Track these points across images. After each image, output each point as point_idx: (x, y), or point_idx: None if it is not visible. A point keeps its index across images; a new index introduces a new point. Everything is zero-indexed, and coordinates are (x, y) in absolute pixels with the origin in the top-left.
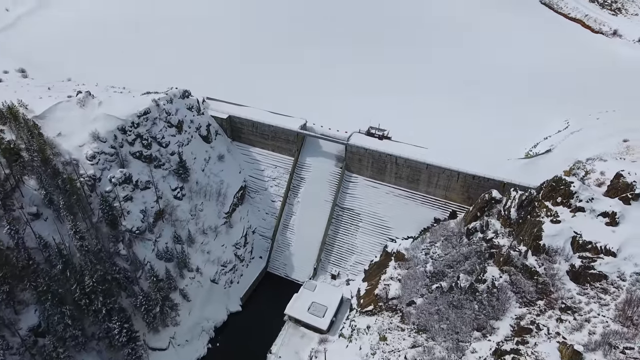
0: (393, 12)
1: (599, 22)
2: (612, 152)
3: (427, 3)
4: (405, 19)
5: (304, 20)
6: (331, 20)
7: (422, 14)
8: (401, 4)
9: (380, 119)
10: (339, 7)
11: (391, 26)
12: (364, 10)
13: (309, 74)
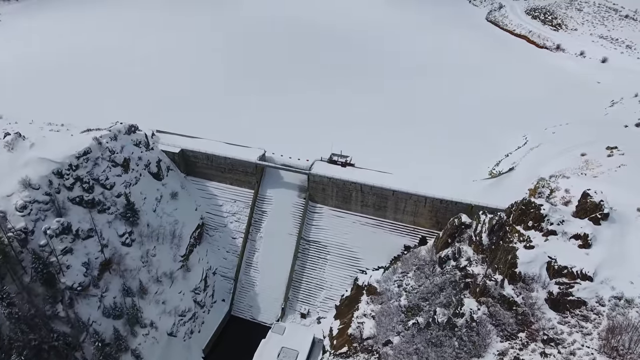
0: (349, 43)
1: (542, 37)
2: (573, 167)
3: (382, 35)
4: (362, 50)
5: (260, 51)
6: (287, 50)
7: (379, 46)
8: (358, 36)
9: (342, 146)
10: (294, 37)
11: (349, 57)
12: (320, 41)
13: (267, 104)
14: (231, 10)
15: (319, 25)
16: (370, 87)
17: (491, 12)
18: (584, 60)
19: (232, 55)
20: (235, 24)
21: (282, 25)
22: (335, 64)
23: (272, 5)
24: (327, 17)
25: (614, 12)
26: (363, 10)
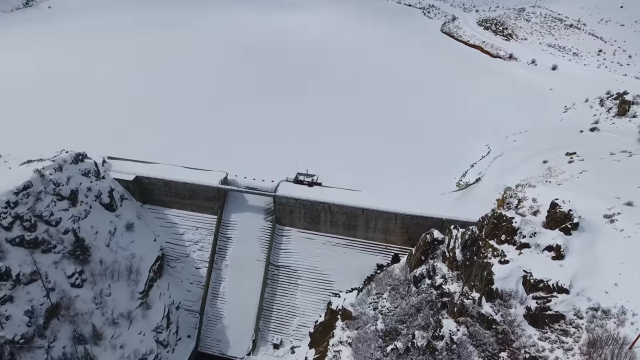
0: (310, 62)
1: (495, 47)
2: (537, 175)
3: (343, 52)
4: (323, 68)
5: (219, 71)
6: (246, 70)
7: (340, 63)
8: (318, 53)
9: (308, 165)
10: (254, 57)
11: (310, 75)
12: (278, 61)
13: (228, 125)
14: (193, 31)
15: (279, 46)
16: (332, 104)
17: (445, 24)
18: (535, 68)
19: (190, 76)
20: (197, 44)
21: (241, 44)
22: (295, 82)
23: (233, 23)
24: (285, 38)
25: (560, 22)
26: (323, 28)
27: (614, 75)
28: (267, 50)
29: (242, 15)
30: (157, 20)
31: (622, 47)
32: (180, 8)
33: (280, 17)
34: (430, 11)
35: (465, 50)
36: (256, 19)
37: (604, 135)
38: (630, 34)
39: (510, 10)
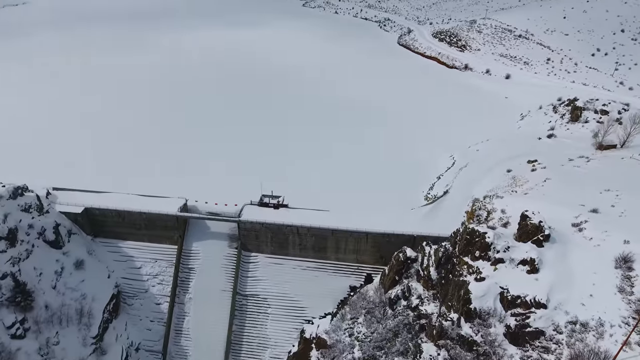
0: (271, 79)
1: (451, 58)
2: (503, 184)
3: (304, 68)
4: (284, 85)
5: (177, 91)
6: (204, 89)
7: (300, 79)
8: (279, 71)
9: (272, 186)
10: (212, 74)
11: (272, 92)
12: (239, 79)
13: (186, 148)
14: (149, 51)
15: (239, 63)
16: (295, 122)
17: (402, 37)
18: (490, 78)
19: (144, 98)
20: (151, 64)
21: (198, 63)
22: (257, 100)
23: (191, 41)
24: (245, 55)
25: (509, 33)
26: (285, 45)
27: (563, 82)
28: (226, 69)
29: (199, 33)
30: (111, 39)
31: (568, 56)
32: (135, 26)
33: (240, 34)
34: (386, 24)
35: (422, 62)
36: (215, 37)
37: (560, 141)
38: (574, 42)
39: (463, 22)
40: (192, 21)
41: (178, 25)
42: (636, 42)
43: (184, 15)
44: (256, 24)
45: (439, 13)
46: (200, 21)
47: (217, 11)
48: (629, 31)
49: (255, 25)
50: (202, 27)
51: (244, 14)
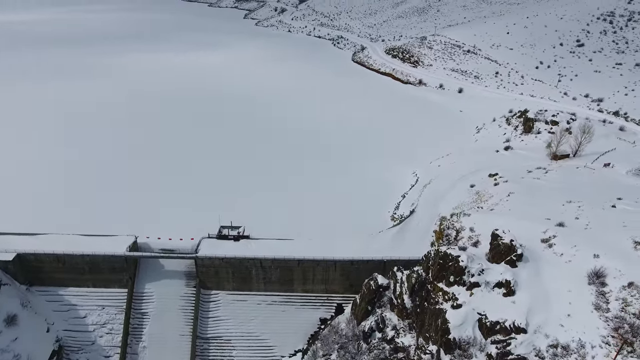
0: (227, 102)
1: (405, 74)
2: (468, 201)
3: (256, 91)
4: (238, 109)
5: (125, 119)
6: (153, 114)
7: (253, 102)
8: (234, 95)
9: (231, 216)
10: (161, 98)
11: (226, 117)
12: (193, 100)
13: (135, 180)
14: (97, 76)
15: (192, 87)
16: (251, 147)
17: (356, 54)
18: (444, 92)
19: (86, 127)
20: (100, 88)
21: (147, 88)
22: (210, 126)
23: (136, 64)
24: (200, 78)
25: (458, 48)
26: (242, 67)
27: (512, 95)
28: (179, 95)
29: (151, 56)
30: (53, 65)
31: (515, 69)
32: (84, 49)
33: (198, 56)
34: (340, 42)
35: (378, 78)
36: (167, 59)
37: (517, 153)
38: (519, 56)
39: (414, 39)
40: (145, 44)
41: (130, 48)
42: (574, 54)
43: (136, 37)
44: (212, 45)
45: (390, 30)
46: (153, 44)
47: (171, 32)
48: (567, 44)
49: (211, 46)
50: (154, 49)
51: (200, 34)
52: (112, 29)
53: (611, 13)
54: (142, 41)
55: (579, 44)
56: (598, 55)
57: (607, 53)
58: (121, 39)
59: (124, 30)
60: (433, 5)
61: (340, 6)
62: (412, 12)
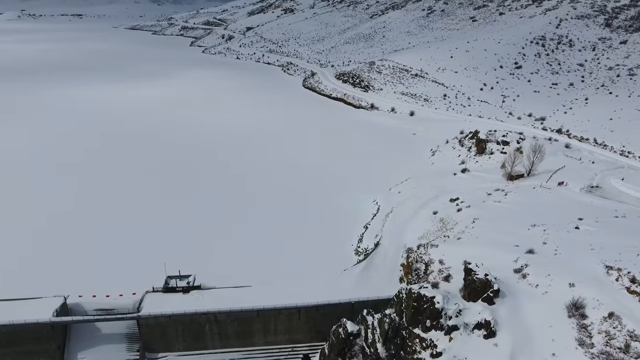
0: (172, 137)
1: (357, 98)
2: (433, 229)
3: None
4: (184, 141)
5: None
6: (88, 152)
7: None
8: (177, 127)
9: (179, 264)
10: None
11: (170, 153)
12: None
13: (60, 228)
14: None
15: (136, 123)
16: (196, 183)
17: (306, 80)
18: (396, 115)
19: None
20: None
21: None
22: (152, 164)
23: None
24: (140, 112)
25: (406, 72)
26: (192, 99)
27: (461, 116)
28: (120, 132)
29: (93, 89)
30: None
31: (461, 91)
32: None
33: (140, 90)
34: (290, 68)
35: (329, 103)
36: (107, 91)
37: (473, 175)
38: (464, 79)
39: (362, 64)
40: (86, 75)
41: (74, 80)
42: (514, 76)
43: (79, 69)
44: (158, 75)
45: (339, 56)
46: (95, 75)
47: (115, 63)
48: (507, 67)
49: (152, 77)
50: (98, 82)
51: (146, 64)
52: (49, 59)
53: (542, 37)
54: (70, 74)
55: (517, 66)
56: (535, 76)
57: (543, 74)
58: (52, 71)
59: (62, 60)
60: (378, 32)
61: (287, 33)
62: (358, 38)
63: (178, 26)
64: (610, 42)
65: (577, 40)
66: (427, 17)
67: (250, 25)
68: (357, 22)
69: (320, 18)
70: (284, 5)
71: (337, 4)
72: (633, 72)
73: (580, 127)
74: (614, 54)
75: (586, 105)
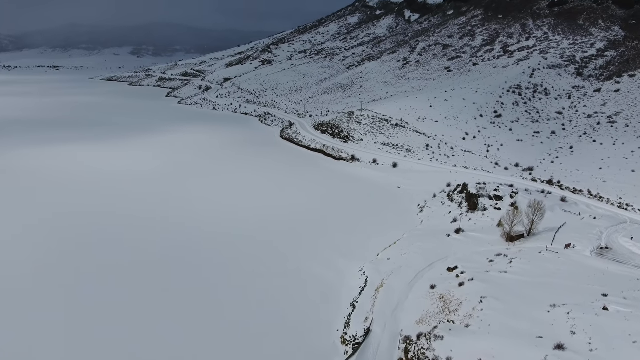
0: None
1: (337, 150)
2: (433, 310)
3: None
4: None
5: None
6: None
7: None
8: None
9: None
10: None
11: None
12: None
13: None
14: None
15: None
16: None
17: (284, 130)
18: (378, 167)
19: None
20: None
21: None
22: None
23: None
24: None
25: (387, 122)
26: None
27: (446, 167)
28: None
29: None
30: None
31: (443, 141)
32: None
33: (100, 150)
34: (267, 118)
35: (308, 155)
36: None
37: (469, 236)
38: (445, 128)
39: (341, 114)
40: (36, 134)
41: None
42: (495, 125)
43: (29, 124)
44: (129, 131)
45: (317, 106)
46: (49, 132)
47: (79, 120)
48: (487, 116)
49: (129, 132)
50: (49, 142)
51: (116, 116)
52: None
53: (518, 86)
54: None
55: (497, 115)
56: (516, 125)
57: (524, 122)
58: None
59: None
60: (356, 82)
61: (265, 84)
62: (336, 88)
63: (155, 77)
64: (584, 91)
65: (552, 89)
66: (403, 68)
67: (228, 77)
68: (335, 73)
69: (297, 69)
70: (262, 57)
71: (314, 55)
72: (612, 119)
73: (570, 177)
74: (590, 101)
75: (572, 154)
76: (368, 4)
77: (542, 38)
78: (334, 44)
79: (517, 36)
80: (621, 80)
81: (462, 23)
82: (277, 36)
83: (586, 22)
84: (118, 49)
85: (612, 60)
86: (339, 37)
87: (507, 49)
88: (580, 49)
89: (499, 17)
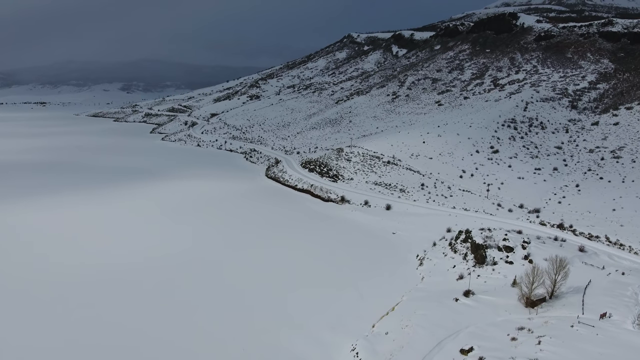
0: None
1: (325, 190)
2: None
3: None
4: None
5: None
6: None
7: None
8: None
9: None
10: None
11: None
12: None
13: None
14: None
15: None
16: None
17: (270, 168)
18: (370, 210)
19: None
20: None
21: None
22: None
23: None
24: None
25: (378, 159)
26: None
27: (444, 209)
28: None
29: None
30: None
31: (439, 179)
32: None
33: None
34: (253, 155)
35: (294, 196)
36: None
37: (481, 300)
38: (440, 165)
39: (330, 150)
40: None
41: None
42: (492, 161)
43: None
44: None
45: (305, 142)
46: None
47: (52, 165)
48: (483, 151)
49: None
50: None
51: (86, 159)
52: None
53: (513, 120)
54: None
55: (494, 151)
56: (515, 161)
57: (523, 158)
58: None
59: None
60: (345, 117)
61: (252, 119)
62: (325, 124)
63: (142, 113)
64: (581, 124)
65: (549, 123)
66: (393, 102)
67: (215, 112)
68: (323, 108)
69: (285, 104)
70: (250, 92)
71: (303, 90)
72: (617, 154)
73: (582, 220)
74: (589, 135)
75: (579, 193)
76: (356, 39)
77: (531, 71)
78: (322, 78)
79: (507, 69)
80: (618, 112)
81: (450, 57)
82: (266, 71)
83: (575, 55)
84: (108, 84)
85: (606, 93)
86: (327, 72)
87: (497, 82)
88: (572, 82)
89: (486, 51)
